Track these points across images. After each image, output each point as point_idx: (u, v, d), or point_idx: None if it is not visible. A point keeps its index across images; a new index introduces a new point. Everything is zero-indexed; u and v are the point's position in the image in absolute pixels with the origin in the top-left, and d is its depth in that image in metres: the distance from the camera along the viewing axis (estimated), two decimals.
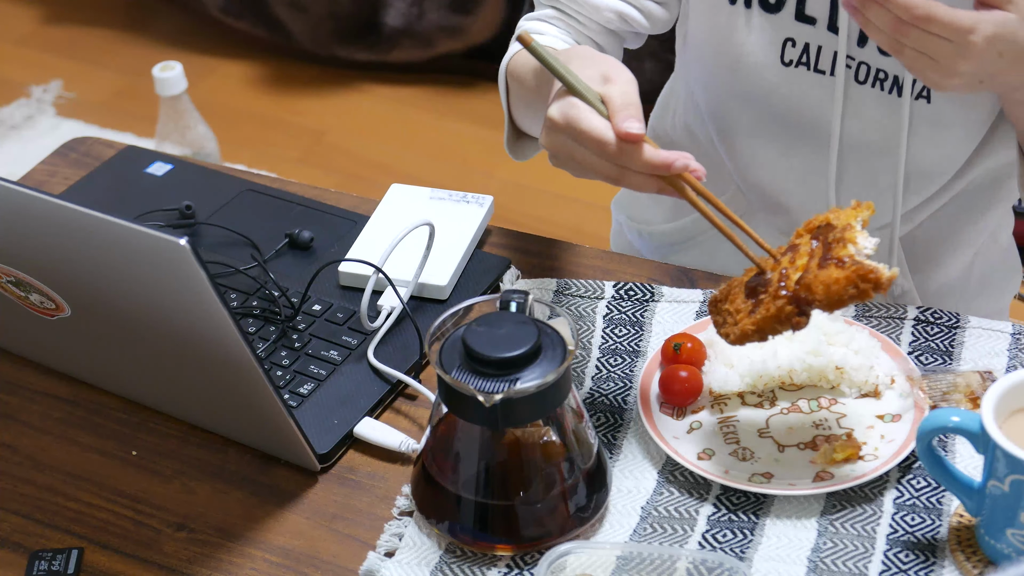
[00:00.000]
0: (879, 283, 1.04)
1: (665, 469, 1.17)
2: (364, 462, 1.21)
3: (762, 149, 1.41)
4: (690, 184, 1.11)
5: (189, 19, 3.44)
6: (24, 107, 3.24)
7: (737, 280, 1.12)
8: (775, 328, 1.07)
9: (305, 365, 1.28)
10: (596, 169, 1.11)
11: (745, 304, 1.09)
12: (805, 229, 1.12)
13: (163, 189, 1.51)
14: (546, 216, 2.77)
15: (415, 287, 1.33)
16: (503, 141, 1.40)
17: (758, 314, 1.07)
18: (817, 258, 1.07)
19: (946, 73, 1.16)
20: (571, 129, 1.10)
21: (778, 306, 1.06)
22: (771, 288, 1.07)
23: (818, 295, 1.05)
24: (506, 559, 1.10)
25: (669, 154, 1.09)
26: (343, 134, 3.11)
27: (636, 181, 1.11)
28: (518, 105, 1.34)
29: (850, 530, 1.11)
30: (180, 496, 1.19)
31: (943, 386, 1.20)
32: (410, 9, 3.16)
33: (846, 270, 1.04)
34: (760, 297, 1.08)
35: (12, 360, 1.33)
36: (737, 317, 1.09)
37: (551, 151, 1.15)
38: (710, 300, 1.13)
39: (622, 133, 1.08)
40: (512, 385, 1.04)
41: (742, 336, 1.08)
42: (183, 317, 1.08)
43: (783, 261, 1.10)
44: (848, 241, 1.07)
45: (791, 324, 1.06)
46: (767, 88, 1.35)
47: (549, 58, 1.12)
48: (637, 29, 1.39)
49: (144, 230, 1.01)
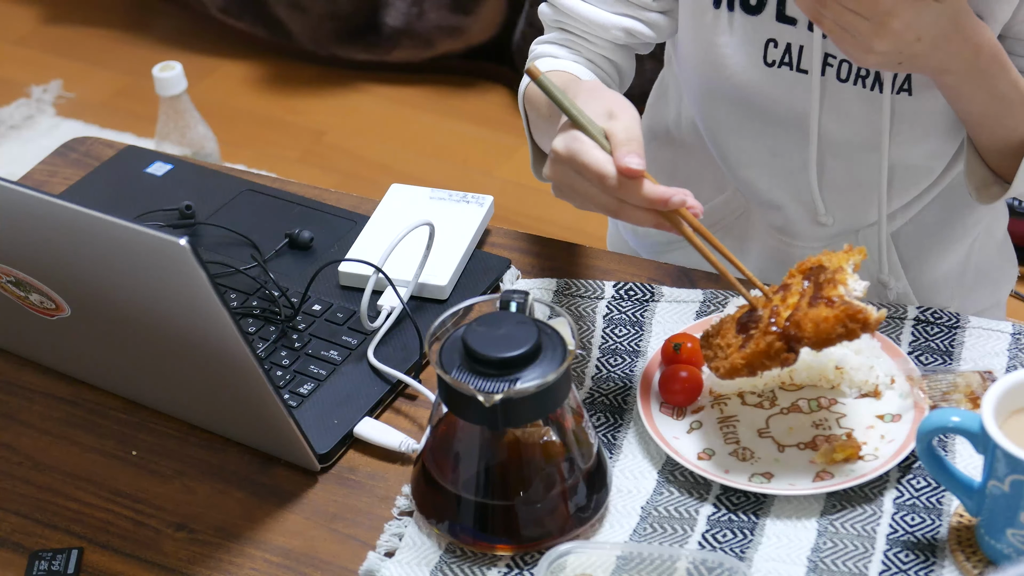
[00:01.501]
0: (867, 323, 1.07)
1: (665, 469, 1.17)
2: (364, 462, 1.21)
3: (749, 148, 1.42)
4: (686, 220, 1.14)
5: (189, 19, 3.44)
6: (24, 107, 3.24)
7: (729, 317, 1.16)
8: (764, 364, 1.10)
9: (305, 365, 1.28)
10: (596, 201, 1.14)
11: (736, 339, 1.12)
12: (798, 270, 1.15)
13: (163, 189, 1.51)
14: (546, 216, 2.77)
15: (415, 287, 1.33)
16: (529, 165, 1.42)
17: (748, 349, 1.11)
18: (808, 297, 1.11)
19: (863, 49, 1.19)
20: (574, 162, 1.13)
21: (768, 342, 1.09)
22: (761, 324, 1.11)
23: (807, 333, 1.08)
24: (506, 559, 1.10)
25: (667, 190, 1.12)
26: (343, 134, 3.11)
27: (634, 215, 1.14)
28: (537, 131, 1.37)
29: (850, 530, 1.11)
30: (180, 496, 1.19)
31: (943, 386, 1.20)
32: (410, 9, 3.16)
33: (835, 309, 1.08)
34: (751, 333, 1.11)
35: (12, 360, 1.33)
36: (727, 352, 1.12)
37: (554, 182, 1.18)
38: (703, 335, 1.17)
39: (623, 168, 1.11)
40: (512, 385, 1.04)
41: (731, 370, 1.11)
42: (183, 317, 1.08)
43: (775, 299, 1.13)
44: (839, 282, 1.11)
45: (780, 360, 1.10)
46: (751, 88, 1.36)
47: (555, 92, 1.14)
48: (644, 40, 1.41)
49: (144, 230, 1.01)
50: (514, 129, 3.00)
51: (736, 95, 1.38)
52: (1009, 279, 1.58)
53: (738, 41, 1.35)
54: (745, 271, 1.17)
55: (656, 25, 1.39)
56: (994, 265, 1.55)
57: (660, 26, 1.39)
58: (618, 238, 1.65)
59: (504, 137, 3.01)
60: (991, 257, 1.54)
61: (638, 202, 1.12)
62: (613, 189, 1.12)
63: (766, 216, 1.46)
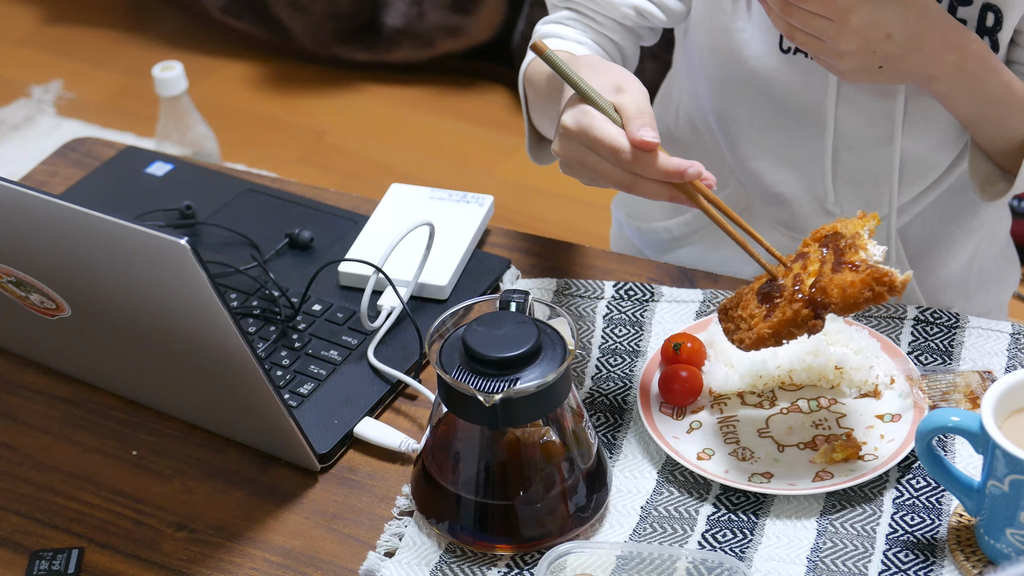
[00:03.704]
0: (893, 286, 1.06)
1: (665, 469, 1.17)
2: (364, 462, 1.21)
3: (761, 138, 1.41)
4: (700, 192, 1.12)
5: (189, 19, 3.44)
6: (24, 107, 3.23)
7: (747, 288, 1.14)
8: (791, 332, 1.08)
9: (305, 365, 1.28)
10: (609, 176, 1.12)
11: (759, 309, 1.10)
12: (813, 238, 1.14)
13: (163, 189, 1.51)
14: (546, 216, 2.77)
15: (415, 287, 1.33)
16: (525, 147, 1.41)
17: (774, 318, 1.08)
18: (830, 263, 1.09)
19: (833, 53, 1.19)
20: (585, 136, 1.11)
21: (795, 309, 1.07)
22: (786, 292, 1.09)
23: (834, 298, 1.06)
24: (506, 559, 1.10)
25: (682, 162, 1.10)
26: (343, 134, 3.11)
27: (648, 188, 1.11)
28: (536, 111, 1.36)
29: (850, 530, 1.11)
30: (180, 496, 1.19)
31: (943, 386, 1.20)
32: (410, 9, 3.16)
33: (861, 273, 1.06)
34: (776, 302, 1.09)
35: (12, 360, 1.33)
36: (752, 322, 1.10)
37: (563, 158, 1.16)
38: (720, 308, 1.14)
39: (637, 141, 1.09)
40: (512, 385, 1.04)
41: (758, 340, 1.09)
42: (183, 317, 1.08)
43: (794, 267, 1.11)
44: (859, 247, 1.09)
45: (807, 328, 1.08)
46: (766, 76, 1.36)
47: (563, 66, 1.12)
48: (653, 24, 1.39)
49: (144, 230, 1.01)
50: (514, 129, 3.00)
51: (751, 83, 1.37)
52: (1012, 281, 1.58)
53: (755, 27, 1.34)
54: (762, 241, 1.14)
55: (667, 7, 1.37)
56: (998, 267, 1.55)
57: (671, 9, 1.38)
58: (621, 237, 1.65)
59: (504, 137, 3.01)
60: (995, 259, 1.54)
61: (653, 175, 1.10)
62: (627, 163, 1.10)
63: (770, 211, 1.46)
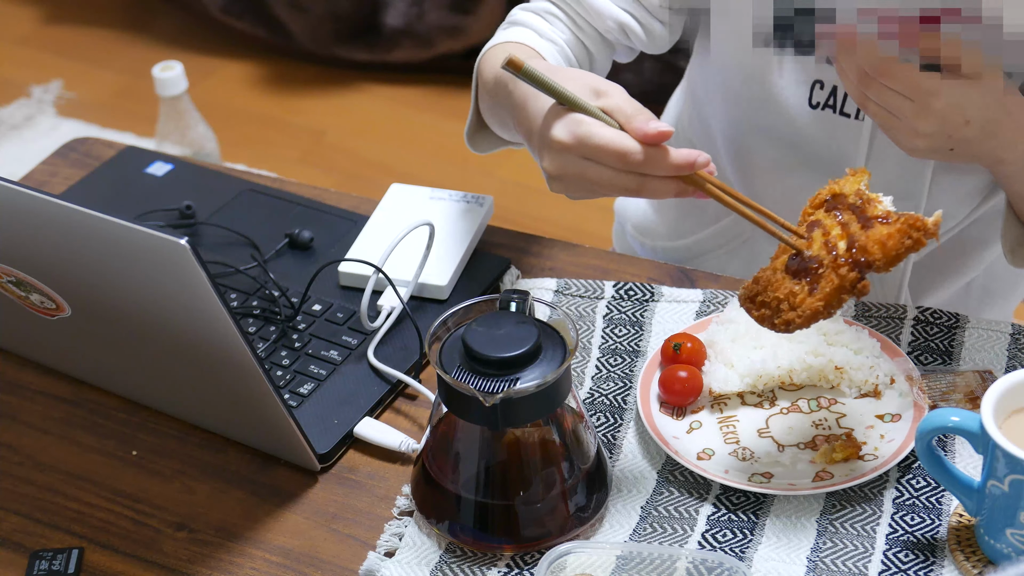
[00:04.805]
0: (927, 229, 1.05)
1: (665, 469, 1.17)
2: (364, 462, 1.21)
3: (783, 184, 1.39)
4: (706, 179, 1.09)
5: (189, 19, 3.44)
6: (24, 107, 3.24)
7: (767, 270, 1.10)
8: (840, 299, 1.05)
9: (305, 365, 1.28)
10: (613, 184, 1.08)
11: (799, 285, 1.07)
12: (812, 206, 1.11)
13: (163, 189, 1.51)
14: (546, 216, 2.77)
15: (415, 287, 1.33)
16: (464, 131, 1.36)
17: (821, 290, 1.05)
18: (855, 223, 1.07)
19: (909, 132, 1.16)
20: (585, 147, 1.08)
21: (841, 275, 1.05)
22: (826, 261, 1.06)
23: (876, 255, 1.05)
24: (506, 559, 1.10)
25: (691, 152, 1.07)
26: (343, 134, 3.11)
27: (657, 187, 1.08)
28: (484, 105, 1.31)
29: (850, 530, 1.11)
30: (180, 496, 1.19)
31: (943, 386, 1.20)
32: (410, 9, 3.16)
33: (894, 225, 1.05)
34: (818, 272, 1.06)
35: (12, 360, 1.33)
36: (795, 301, 1.06)
37: (557, 175, 1.11)
38: (743, 297, 1.10)
39: (651, 134, 1.06)
40: (512, 385, 1.04)
41: (811, 316, 1.06)
42: (183, 317, 1.08)
43: (815, 237, 1.08)
44: (874, 201, 1.07)
45: (856, 291, 1.05)
46: (794, 128, 1.34)
47: (546, 79, 1.08)
48: (633, 44, 1.36)
49: (144, 230, 1.01)
50: None
51: (777, 131, 1.35)
52: (1019, 294, 1.56)
53: (786, 81, 1.32)
54: (776, 218, 1.10)
55: (652, 32, 1.35)
56: (1006, 283, 1.53)
57: (655, 34, 1.35)
58: (624, 240, 1.63)
59: None
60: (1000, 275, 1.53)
61: (664, 171, 1.06)
62: (637, 164, 1.06)
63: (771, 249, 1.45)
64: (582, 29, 1.35)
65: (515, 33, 1.33)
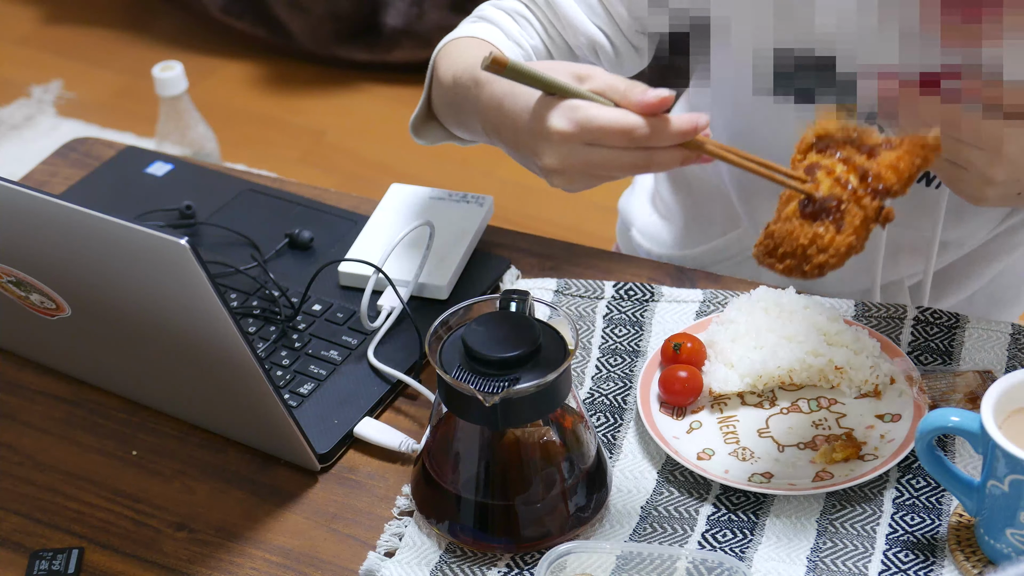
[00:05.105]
0: (931, 145, 1.05)
1: (665, 469, 1.17)
2: (364, 462, 1.21)
3: None
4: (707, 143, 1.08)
5: (189, 19, 3.44)
6: (24, 107, 3.24)
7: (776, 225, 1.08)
8: (868, 230, 1.05)
9: (305, 365, 1.28)
10: (621, 163, 1.07)
11: (824, 226, 1.04)
12: (800, 152, 1.09)
13: (163, 189, 1.51)
14: (546, 216, 2.77)
15: (415, 287, 1.33)
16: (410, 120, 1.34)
17: (849, 225, 1.04)
18: (858, 156, 1.06)
19: (981, 181, 1.13)
20: (587, 131, 1.06)
21: (864, 206, 1.04)
22: (846, 195, 1.05)
23: (891, 180, 1.04)
24: (506, 559, 1.10)
25: (690, 116, 1.06)
26: (343, 134, 3.11)
27: (664, 159, 1.06)
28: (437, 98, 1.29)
29: (850, 530, 1.11)
30: (180, 496, 1.19)
31: (943, 386, 1.20)
32: (410, 9, 3.16)
33: (899, 148, 1.05)
34: (841, 209, 1.05)
35: (12, 360, 1.33)
36: (822, 243, 1.04)
37: (562, 168, 1.09)
38: (762, 253, 1.07)
39: (654, 102, 1.04)
40: (512, 385, 1.04)
41: (846, 253, 1.04)
42: (183, 317, 1.08)
43: (819, 178, 1.07)
44: (868, 131, 1.07)
45: (882, 219, 1.05)
46: None
47: (534, 73, 1.06)
48: (601, 64, 1.33)
49: (144, 230, 1.01)
50: None
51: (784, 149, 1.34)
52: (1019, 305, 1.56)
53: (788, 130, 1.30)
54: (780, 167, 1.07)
55: (622, 55, 1.32)
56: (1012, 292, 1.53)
57: (625, 58, 1.33)
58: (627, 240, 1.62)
59: None
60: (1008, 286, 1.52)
61: (669, 140, 1.05)
62: (643, 139, 1.04)
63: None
64: (552, 39, 1.32)
65: (480, 29, 1.31)
